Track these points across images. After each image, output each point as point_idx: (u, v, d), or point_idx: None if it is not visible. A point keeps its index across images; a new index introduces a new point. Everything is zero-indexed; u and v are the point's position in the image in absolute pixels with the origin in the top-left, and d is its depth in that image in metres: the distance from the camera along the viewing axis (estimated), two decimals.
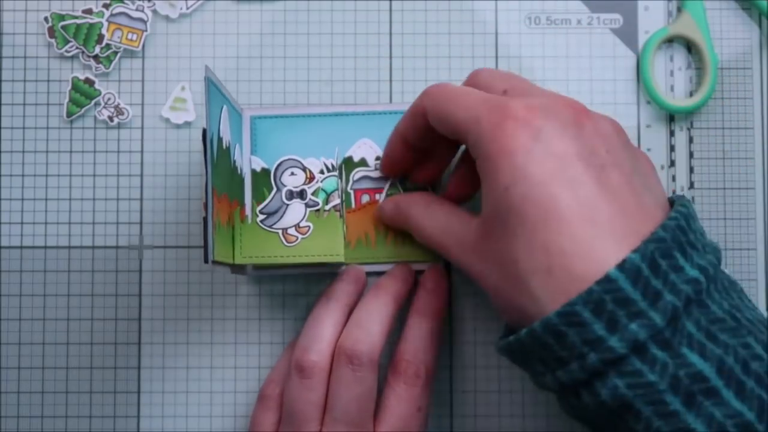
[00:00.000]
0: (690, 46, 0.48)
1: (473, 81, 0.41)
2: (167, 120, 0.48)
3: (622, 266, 0.33)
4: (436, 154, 0.44)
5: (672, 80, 0.48)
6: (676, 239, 0.35)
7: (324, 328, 0.42)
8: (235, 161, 0.44)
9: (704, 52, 0.47)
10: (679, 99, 0.48)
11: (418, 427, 0.42)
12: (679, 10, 0.48)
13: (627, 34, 0.48)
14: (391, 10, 0.48)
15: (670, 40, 0.48)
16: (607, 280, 0.33)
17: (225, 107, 0.42)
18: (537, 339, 0.34)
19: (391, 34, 0.48)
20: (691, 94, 0.48)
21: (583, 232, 0.34)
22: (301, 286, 0.47)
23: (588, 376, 0.34)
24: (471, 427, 0.47)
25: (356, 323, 0.42)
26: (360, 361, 0.41)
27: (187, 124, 0.48)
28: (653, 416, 0.33)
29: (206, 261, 0.37)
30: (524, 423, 0.47)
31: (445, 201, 0.43)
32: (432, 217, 0.42)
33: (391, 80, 0.48)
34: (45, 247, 0.47)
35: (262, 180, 0.46)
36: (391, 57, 0.48)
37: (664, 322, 0.33)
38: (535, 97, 0.37)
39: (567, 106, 0.37)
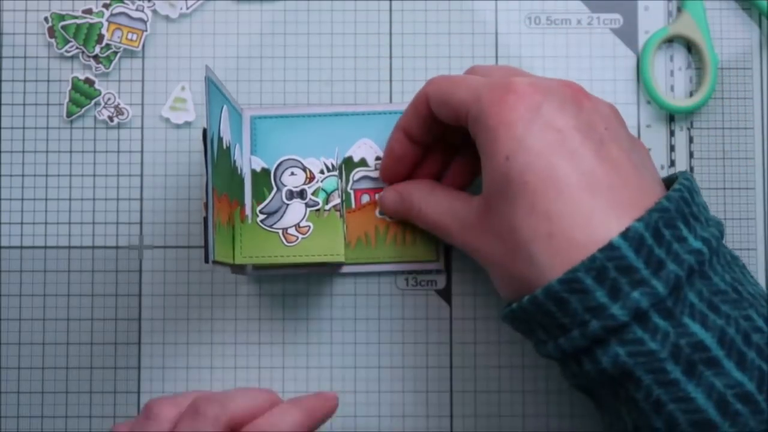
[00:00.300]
0: (690, 46, 0.48)
1: (472, 72, 0.42)
2: (167, 120, 0.48)
3: (625, 234, 0.33)
4: (435, 154, 0.44)
5: (672, 80, 0.48)
6: (680, 210, 0.35)
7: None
8: (235, 161, 0.44)
9: (704, 52, 0.47)
10: (679, 99, 0.48)
11: None
12: (679, 10, 0.48)
13: (627, 34, 0.48)
14: (391, 10, 0.48)
15: (670, 40, 0.48)
16: (610, 248, 0.33)
17: (225, 107, 0.42)
18: (539, 306, 0.35)
19: (391, 34, 0.48)
20: (691, 94, 0.48)
21: (583, 200, 0.35)
22: (301, 286, 0.47)
23: (589, 343, 0.34)
24: (471, 427, 0.47)
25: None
26: (206, 415, 0.37)
27: (187, 124, 0.48)
28: (653, 384, 0.33)
29: (207, 261, 0.37)
30: (524, 423, 0.47)
31: (446, 186, 0.43)
32: (434, 201, 0.42)
33: (391, 80, 0.48)
34: (45, 247, 0.47)
35: (262, 180, 0.46)
36: (391, 57, 0.48)
37: (666, 291, 0.33)
38: (535, 77, 0.39)
39: (567, 86, 0.38)
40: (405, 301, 0.47)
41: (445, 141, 0.44)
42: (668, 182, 0.39)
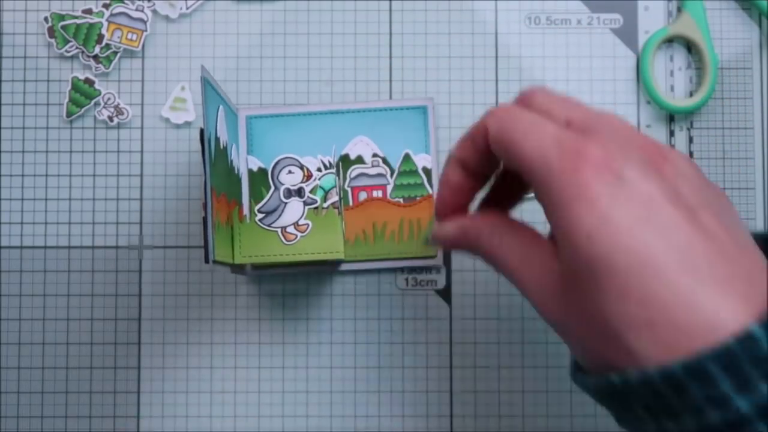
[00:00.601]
0: (690, 46, 0.48)
1: (528, 103, 0.37)
2: (167, 120, 0.48)
3: (766, 324, 0.30)
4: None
5: (672, 80, 0.48)
6: None
7: None
8: (232, 161, 0.44)
9: (704, 52, 0.47)
10: (679, 99, 0.48)
11: None
12: (679, 10, 0.48)
13: (627, 34, 0.48)
14: (391, 10, 0.48)
15: (670, 40, 0.48)
16: (748, 338, 0.30)
17: (221, 107, 0.42)
18: (650, 386, 0.31)
19: (391, 34, 0.48)
20: (691, 94, 0.48)
21: (683, 279, 0.31)
22: (301, 285, 0.47)
23: (703, 430, 0.31)
24: (471, 427, 0.47)
25: None
26: None
27: (187, 124, 0.48)
28: None
29: (207, 261, 0.37)
30: (524, 423, 0.47)
31: (517, 225, 0.38)
32: (506, 247, 0.37)
33: (391, 80, 0.48)
34: (45, 247, 0.47)
35: (260, 179, 0.46)
36: (391, 57, 0.48)
37: None
38: (606, 134, 0.34)
39: (643, 146, 0.34)
40: (405, 301, 0.47)
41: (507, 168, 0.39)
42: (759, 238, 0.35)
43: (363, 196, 0.47)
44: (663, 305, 0.31)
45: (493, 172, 0.39)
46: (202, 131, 0.38)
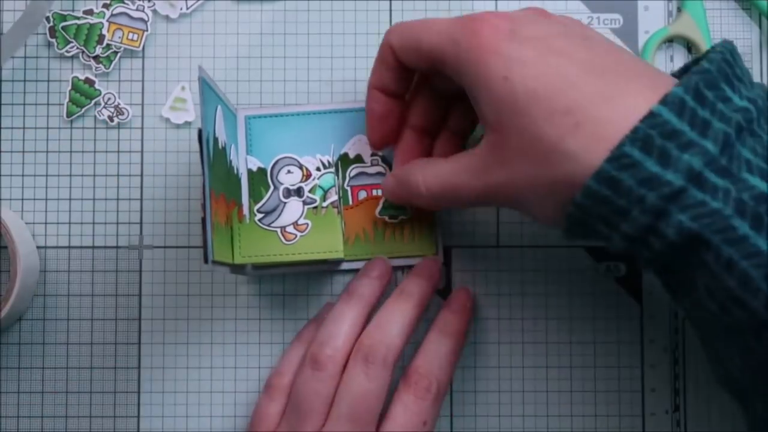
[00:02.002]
0: (690, 46, 0.48)
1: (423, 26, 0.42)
2: (167, 120, 0.48)
3: (664, 100, 0.33)
4: (418, 108, 0.44)
5: None
6: (722, 71, 0.34)
7: (343, 325, 0.42)
8: (231, 161, 0.44)
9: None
10: None
11: None
12: (679, 10, 0.48)
13: (627, 34, 0.48)
14: (391, 10, 0.48)
15: (670, 40, 0.48)
16: (651, 116, 0.33)
17: (219, 107, 0.42)
18: (593, 195, 0.34)
19: None
20: None
21: (593, 82, 0.35)
22: (301, 285, 0.47)
23: (651, 219, 0.33)
24: (471, 427, 0.47)
25: (377, 325, 0.42)
26: (375, 359, 0.41)
27: (187, 124, 0.48)
28: (723, 244, 0.32)
29: (206, 261, 0.37)
30: (524, 423, 0.47)
31: (443, 157, 0.42)
32: (435, 169, 0.41)
33: None
34: (45, 247, 0.47)
35: (259, 179, 0.46)
36: None
37: (717, 150, 0.33)
38: (493, 12, 0.39)
39: (530, 9, 0.39)
40: None
41: (425, 91, 0.44)
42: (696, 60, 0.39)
43: (363, 195, 0.46)
44: (584, 107, 0.34)
45: (408, 87, 0.43)
46: (200, 131, 0.38)
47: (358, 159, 0.47)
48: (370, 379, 0.41)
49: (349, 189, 0.46)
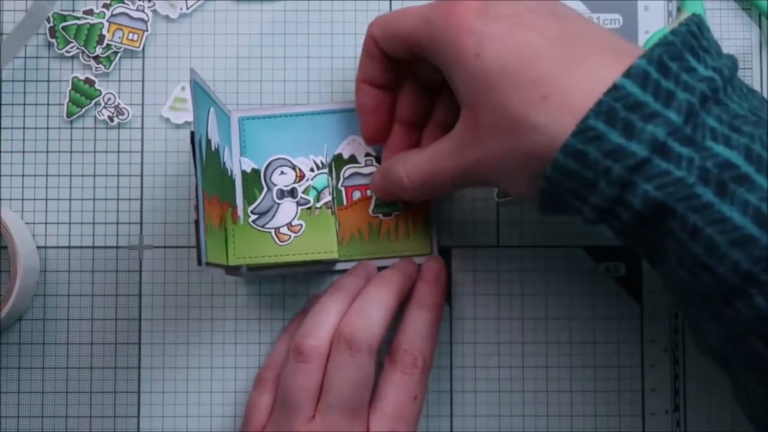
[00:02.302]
0: None
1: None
2: (167, 120, 0.48)
3: (627, 73, 0.33)
4: (406, 100, 0.44)
5: None
6: (687, 43, 0.35)
7: (326, 316, 0.43)
8: (224, 163, 0.44)
9: None
10: None
11: (413, 416, 0.42)
12: (679, 10, 0.48)
13: (627, 34, 0.48)
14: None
15: None
16: (614, 89, 0.33)
17: (212, 109, 0.42)
18: (561, 169, 0.34)
19: None
20: None
21: (560, 55, 0.35)
22: (300, 286, 0.47)
23: (617, 190, 0.34)
24: (471, 427, 0.47)
25: (357, 311, 0.42)
26: (359, 347, 0.41)
27: (187, 124, 0.48)
28: (687, 212, 0.33)
29: (200, 263, 0.37)
30: (524, 423, 0.47)
31: (422, 147, 0.43)
32: (414, 158, 0.42)
33: None
34: (45, 247, 0.47)
35: (253, 181, 0.46)
36: None
37: (681, 120, 0.33)
38: None
39: None
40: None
41: (411, 84, 0.44)
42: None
43: (357, 195, 0.46)
44: (551, 79, 0.35)
45: (396, 79, 0.43)
46: (192, 134, 0.38)
47: (352, 159, 0.47)
48: (356, 368, 0.41)
49: (343, 189, 0.46)
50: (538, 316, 0.47)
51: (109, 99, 0.47)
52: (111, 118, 0.47)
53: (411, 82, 0.44)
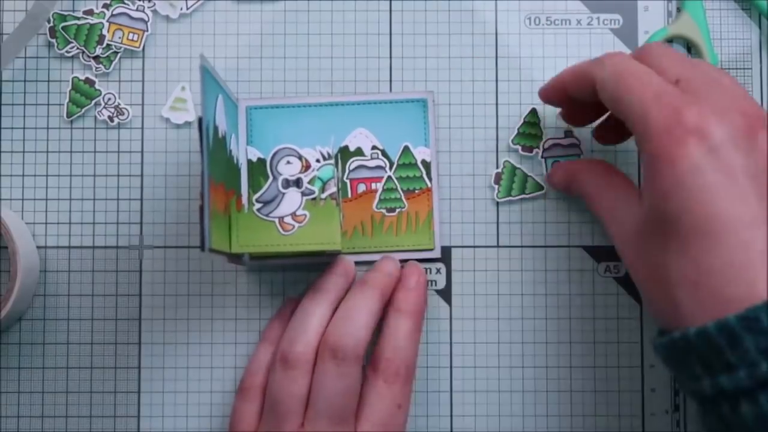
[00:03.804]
0: (690, 46, 0.48)
1: (645, 58, 0.39)
2: (167, 120, 0.48)
3: None
4: (595, 108, 0.44)
5: None
6: None
7: (310, 321, 0.43)
8: (231, 151, 0.44)
9: (704, 52, 0.47)
10: None
11: (400, 425, 0.42)
12: (679, 10, 0.48)
13: (627, 34, 0.48)
14: (391, 10, 0.48)
15: (670, 40, 0.48)
16: None
17: (221, 96, 0.42)
18: (707, 340, 0.33)
19: (391, 34, 0.48)
20: None
21: (737, 255, 0.33)
22: (300, 286, 0.47)
23: (755, 385, 0.32)
24: (471, 427, 0.47)
25: (342, 317, 0.42)
26: (345, 355, 0.41)
27: (188, 124, 0.48)
28: None
29: (203, 249, 0.37)
30: (524, 423, 0.47)
31: (615, 173, 0.42)
32: (602, 193, 0.42)
33: (391, 80, 0.48)
34: (45, 247, 0.47)
35: (259, 169, 0.46)
36: (391, 57, 0.48)
37: None
38: (709, 97, 0.36)
39: (742, 114, 0.35)
40: None
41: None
42: None
43: (362, 188, 0.47)
44: (711, 272, 0.33)
45: (588, 101, 0.42)
46: (200, 119, 0.38)
47: (358, 152, 0.47)
48: (343, 376, 0.41)
49: (348, 182, 0.46)
50: (538, 316, 0.47)
51: (109, 99, 0.47)
52: (111, 118, 0.47)
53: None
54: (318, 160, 0.46)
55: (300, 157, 0.46)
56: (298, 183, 0.46)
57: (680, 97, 0.36)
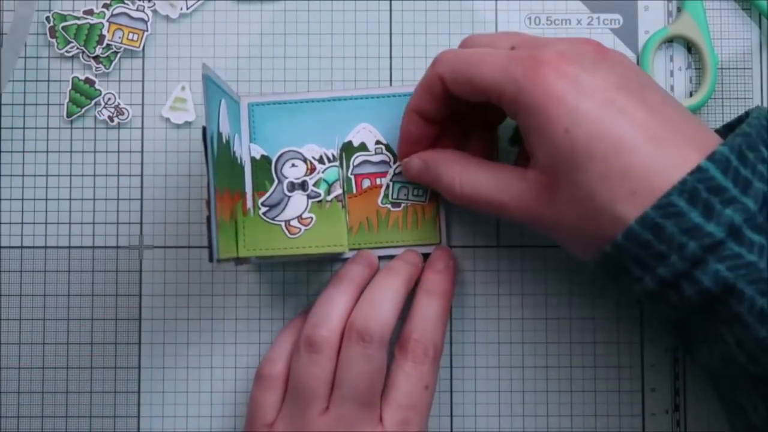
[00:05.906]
0: (690, 46, 0.48)
1: (469, 45, 0.42)
2: (167, 120, 0.48)
3: (711, 157, 0.35)
4: (450, 130, 0.44)
5: (672, 80, 0.48)
6: (761, 135, 0.36)
7: (335, 306, 0.42)
8: (234, 152, 0.44)
9: (704, 52, 0.47)
10: (679, 99, 0.48)
11: (425, 406, 0.42)
12: (679, 10, 0.48)
13: (627, 34, 0.48)
14: (391, 10, 0.48)
15: (670, 40, 0.48)
16: (699, 170, 0.34)
17: (223, 101, 0.42)
18: (635, 238, 0.35)
19: (391, 34, 0.48)
20: (691, 94, 0.48)
21: (653, 151, 0.35)
22: (301, 286, 0.47)
23: (689, 266, 0.35)
24: (471, 427, 0.47)
25: (368, 301, 0.42)
26: (371, 338, 0.41)
27: (187, 124, 0.48)
28: (756, 295, 0.34)
29: (211, 260, 0.37)
30: (524, 423, 0.47)
31: (480, 159, 0.43)
32: (473, 177, 0.41)
33: (391, 80, 0.48)
34: (45, 247, 0.47)
35: (262, 168, 0.46)
36: (391, 57, 0.48)
37: (756, 208, 0.35)
38: (548, 45, 0.38)
39: (586, 44, 0.38)
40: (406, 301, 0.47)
41: (458, 115, 0.44)
42: (747, 113, 0.40)
43: (366, 183, 0.47)
44: (641, 176, 0.35)
45: (447, 115, 0.43)
46: (204, 130, 0.38)
47: (362, 147, 0.47)
48: (369, 360, 0.41)
49: (353, 177, 0.46)
50: (538, 316, 0.47)
51: (109, 99, 0.47)
52: (111, 118, 0.47)
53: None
54: (321, 159, 0.46)
55: (305, 160, 0.46)
56: (303, 186, 0.46)
57: (527, 51, 0.38)
